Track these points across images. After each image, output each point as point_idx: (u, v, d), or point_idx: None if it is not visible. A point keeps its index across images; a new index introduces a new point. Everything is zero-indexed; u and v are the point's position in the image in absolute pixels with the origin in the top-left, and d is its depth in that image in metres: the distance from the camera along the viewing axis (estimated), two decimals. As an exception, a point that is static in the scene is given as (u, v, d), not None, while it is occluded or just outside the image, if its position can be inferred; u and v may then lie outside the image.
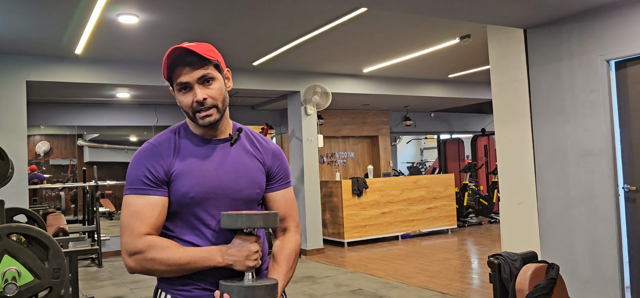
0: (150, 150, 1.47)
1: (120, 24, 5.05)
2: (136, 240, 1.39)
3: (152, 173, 1.44)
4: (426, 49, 6.66)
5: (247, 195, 1.52)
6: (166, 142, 1.50)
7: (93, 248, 5.16)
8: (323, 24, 5.34)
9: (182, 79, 1.44)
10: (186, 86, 1.45)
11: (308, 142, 7.99)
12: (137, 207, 1.42)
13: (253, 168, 1.54)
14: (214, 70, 1.47)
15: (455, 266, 6.60)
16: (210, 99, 1.45)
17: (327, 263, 7.15)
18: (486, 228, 9.96)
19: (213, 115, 1.46)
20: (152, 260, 1.39)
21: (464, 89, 9.49)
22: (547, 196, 4.55)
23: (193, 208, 1.46)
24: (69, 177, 11.35)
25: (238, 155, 1.54)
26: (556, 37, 4.42)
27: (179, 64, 1.45)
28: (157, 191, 1.44)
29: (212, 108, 1.46)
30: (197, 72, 1.44)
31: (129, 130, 11.02)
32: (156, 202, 1.43)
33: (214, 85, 1.47)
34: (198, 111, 1.45)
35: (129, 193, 1.44)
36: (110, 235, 8.78)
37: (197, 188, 1.45)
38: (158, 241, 1.41)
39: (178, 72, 1.45)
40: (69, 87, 7.09)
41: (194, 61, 1.44)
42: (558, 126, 4.43)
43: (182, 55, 1.44)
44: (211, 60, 1.47)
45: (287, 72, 7.76)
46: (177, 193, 1.44)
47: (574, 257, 4.36)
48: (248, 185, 1.52)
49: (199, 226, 1.47)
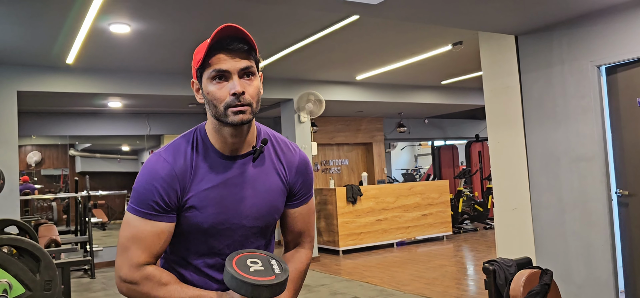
0: (165, 169, 1.30)
1: (112, 34, 5.04)
2: (133, 270, 1.28)
3: (163, 199, 1.28)
4: (419, 56, 6.68)
5: (264, 222, 1.40)
6: (182, 159, 1.32)
7: (85, 259, 5.13)
8: (315, 31, 5.34)
9: (222, 65, 1.24)
10: (223, 75, 1.26)
11: (302, 150, 7.98)
12: (141, 232, 1.29)
13: (274, 191, 1.39)
14: (255, 66, 1.30)
15: (451, 273, 6.60)
16: (248, 96, 1.26)
17: (323, 272, 7.13)
18: (481, 234, 9.97)
19: (247, 114, 1.27)
20: (147, 294, 1.28)
21: (457, 95, 9.52)
22: (541, 201, 4.56)
23: (201, 238, 1.35)
24: (61, 187, 11.28)
25: (260, 175, 1.37)
26: (547, 44, 4.44)
27: (221, 48, 1.25)
28: (165, 217, 1.30)
29: (247, 106, 1.26)
30: (241, 61, 1.26)
31: (121, 139, 10.97)
32: (162, 229, 1.30)
33: (254, 82, 1.29)
34: (232, 105, 1.25)
35: (134, 213, 1.29)
36: (103, 245, 8.72)
37: (212, 220, 1.32)
38: (157, 275, 1.29)
39: (218, 58, 1.25)
40: (61, 96, 7.06)
41: (240, 48, 1.26)
42: (550, 132, 4.44)
43: (228, 39, 1.25)
44: (256, 54, 1.30)
45: (280, 80, 7.76)
46: (190, 222, 1.32)
47: (569, 262, 4.37)
48: (267, 212, 1.39)
49: (207, 252, 1.37)
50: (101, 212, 11.62)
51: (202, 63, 1.27)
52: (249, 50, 1.27)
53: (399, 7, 3.75)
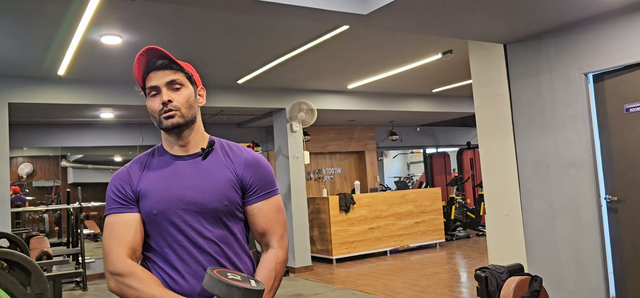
0: (121, 171, 1.55)
1: (103, 45, 5.04)
2: (116, 262, 1.42)
3: (121, 192, 1.50)
4: (409, 65, 6.73)
5: (213, 207, 1.48)
6: (138, 162, 1.56)
7: (77, 271, 5.10)
8: (306, 41, 5.37)
9: (152, 82, 1.50)
10: (155, 89, 1.50)
11: (294, 159, 8.00)
12: (113, 227, 1.47)
13: (221, 179, 1.51)
14: (184, 78, 1.53)
15: (444, 280, 6.61)
16: (174, 103, 1.49)
17: (316, 281, 7.12)
18: (474, 241, 10.00)
19: (175, 118, 1.49)
20: (130, 286, 1.40)
21: (448, 103, 9.57)
22: (532, 208, 4.59)
23: (162, 225, 1.48)
24: (52, 199, 11.21)
25: (209, 167, 1.53)
26: (535, 52, 4.49)
27: (151, 68, 1.51)
28: (128, 209, 1.49)
29: (175, 110, 1.49)
30: (166, 75, 1.50)
31: (113, 150, 10.93)
32: (129, 219, 1.48)
33: (182, 91, 1.51)
34: (162, 112, 1.49)
35: (106, 214, 1.51)
36: (96, 257, 8.67)
37: (159, 205, 1.48)
38: (139, 271, 1.43)
39: (150, 77, 1.51)
40: (52, 108, 7.04)
41: (164, 65, 1.50)
42: (540, 139, 4.49)
43: (153, 60, 1.50)
44: (182, 68, 1.52)
45: (272, 89, 7.78)
46: (144, 211, 1.49)
47: (560, 268, 4.40)
48: (213, 198, 1.48)
49: (171, 243, 1.48)
50: (93, 224, 11.54)
51: (143, 86, 1.54)
52: (172, 65, 1.50)
53: (389, 17, 3.79)
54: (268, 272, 1.51)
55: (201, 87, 1.60)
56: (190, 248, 1.48)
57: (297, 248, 7.90)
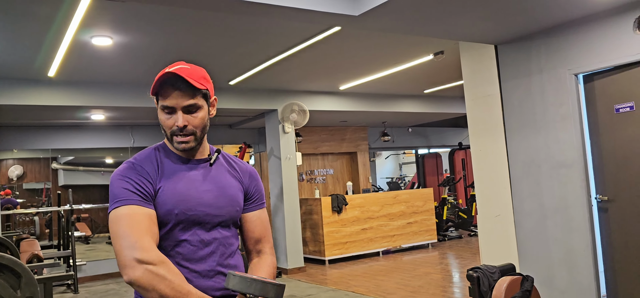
0: (134, 167, 1.48)
1: (94, 46, 5.01)
2: (149, 250, 1.35)
3: (142, 187, 1.44)
4: (401, 66, 6.75)
5: (227, 212, 1.55)
6: (148, 159, 1.51)
7: (68, 274, 5.05)
8: (298, 43, 5.37)
9: (168, 102, 1.46)
10: (171, 110, 1.47)
11: (287, 160, 7.99)
12: (136, 217, 1.39)
13: (233, 187, 1.58)
14: (201, 100, 1.50)
15: (437, 280, 6.63)
16: (191, 127, 1.48)
17: (309, 282, 7.12)
18: (466, 241, 10.04)
19: (190, 143, 1.49)
20: (163, 277, 1.34)
21: (439, 103, 9.61)
22: (523, 208, 4.62)
23: (178, 225, 1.47)
24: (43, 201, 11.13)
25: (218, 174, 1.57)
26: (526, 53, 4.52)
27: (169, 84, 1.45)
28: (147, 203, 1.44)
29: (190, 135, 1.49)
30: (184, 100, 1.46)
31: (104, 152, 10.87)
32: (151, 213, 1.43)
33: (198, 114, 1.49)
34: (176, 135, 1.48)
35: (120, 205, 1.40)
36: (87, 259, 8.62)
37: (181, 205, 1.46)
38: (171, 263, 1.39)
39: (165, 93, 1.46)
40: (42, 109, 6.99)
41: (184, 88, 1.45)
42: (531, 139, 4.51)
43: (173, 79, 1.45)
44: (201, 90, 1.49)
45: (264, 90, 7.77)
46: (162, 209, 1.45)
47: (551, 267, 4.42)
48: (228, 203, 1.55)
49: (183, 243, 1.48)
50: (85, 226, 11.48)
51: (156, 94, 1.48)
52: (193, 88, 1.46)
53: (380, 18, 3.80)
54: (271, 275, 1.61)
55: (214, 98, 1.58)
56: (201, 248, 1.49)
57: (290, 250, 7.90)
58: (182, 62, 1.51)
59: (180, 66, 1.48)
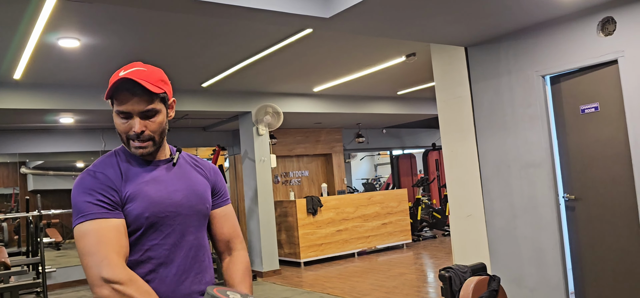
0: (95, 176, 1.41)
1: (61, 48, 4.91)
2: (116, 267, 1.31)
3: (105, 197, 1.38)
4: (374, 67, 6.78)
5: (198, 210, 1.52)
6: (110, 166, 1.45)
7: (36, 281, 4.94)
8: (270, 45, 5.35)
9: (123, 108, 1.40)
10: (127, 115, 1.41)
11: (261, 162, 7.95)
12: (102, 232, 1.34)
13: (200, 183, 1.56)
14: (159, 103, 1.44)
15: (411, 281, 6.67)
16: (148, 132, 1.43)
17: (284, 285, 7.09)
18: (440, 241, 10.14)
19: (147, 148, 1.45)
20: (130, 296, 1.30)
21: (413, 105, 9.69)
22: (494, 208, 4.68)
23: (150, 229, 1.43)
24: (12, 207, 10.86)
25: (184, 173, 1.55)
26: (495, 54, 4.58)
27: (124, 89, 1.39)
28: (114, 214, 1.38)
29: (148, 140, 1.44)
30: (141, 105, 1.40)
31: (75, 156, 10.65)
32: (117, 224, 1.38)
33: (156, 119, 1.44)
34: (133, 140, 1.43)
35: (84, 220, 1.35)
36: (57, 266, 8.43)
37: (152, 208, 1.42)
38: (140, 281, 1.35)
39: (121, 98, 1.40)
40: (9, 113, 6.81)
41: (141, 93, 1.40)
42: (501, 140, 4.58)
43: (129, 83, 1.39)
44: (159, 94, 1.44)
45: (238, 92, 7.73)
46: (132, 215, 1.41)
47: (521, 266, 4.49)
48: (198, 201, 1.53)
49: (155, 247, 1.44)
50: (55, 232, 11.23)
51: (111, 97, 1.42)
52: (150, 93, 1.40)
53: (351, 21, 3.80)
54: (247, 272, 1.61)
55: (173, 100, 1.52)
56: (175, 251, 1.46)
57: (265, 252, 7.86)
58: (139, 63, 1.45)
59: (136, 69, 1.42)
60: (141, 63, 1.46)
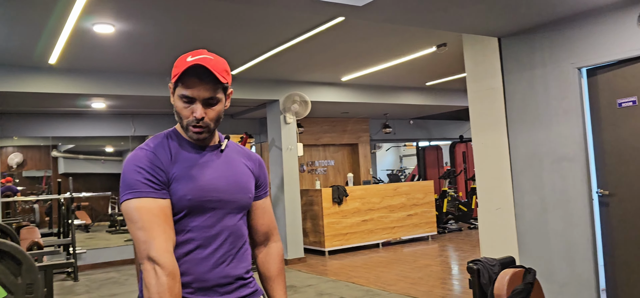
0: (147, 155, 1.46)
1: (96, 34, 4.99)
2: (164, 252, 1.36)
3: (153, 176, 1.43)
4: (404, 57, 6.72)
5: (239, 199, 1.55)
6: (161, 146, 1.49)
7: (68, 262, 5.07)
8: (301, 33, 5.35)
9: (189, 92, 1.44)
10: (190, 100, 1.45)
11: (288, 151, 7.98)
12: (152, 211, 1.39)
13: (245, 174, 1.59)
14: (221, 93, 1.49)
15: (436, 272, 6.64)
16: (207, 119, 1.47)
17: (309, 272, 7.13)
18: (466, 234, 10.05)
19: (203, 134, 1.49)
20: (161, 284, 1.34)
21: (441, 96, 9.59)
22: (524, 201, 4.61)
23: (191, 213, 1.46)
24: (43, 189, 11.14)
25: (230, 161, 1.57)
26: (529, 46, 4.50)
27: (193, 74, 1.43)
28: (161, 194, 1.43)
29: (206, 127, 1.48)
30: (206, 92, 1.44)
31: (105, 140, 10.86)
32: (165, 205, 1.42)
33: (216, 107, 1.49)
34: (192, 125, 1.47)
35: (133, 197, 1.40)
36: (87, 248, 8.63)
37: (194, 192, 1.46)
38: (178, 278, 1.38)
39: (188, 83, 1.44)
40: (43, 97, 6.98)
41: (208, 80, 1.44)
42: (533, 133, 4.50)
43: (200, 70, 1.43)
44: (223, 84, 1.48)
45: (266, 80, 7.76)
46: (175, 196, 1.44)
47: (551, 261, 4.43)
48: (240, 190, 1.55)
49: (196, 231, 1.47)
50: (85, 214, 11.49)
51: (176, 81, 1.46)
52: (216, 81, 1.45)
53: (384, 9, 3.77)
54: (282, 267, 1.70)
55: (231, 90, 1.56)
56: (214, 235, 1.49)
57: (290, 240, 7.91)
58: (205, 51, 1.48)
59: (204, 56, 1.45)
60: (206, 51, 1.50)
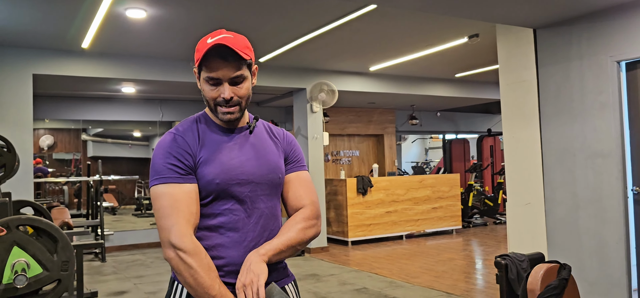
0: (175, 140, 1.47)
1: (128, 18, 5.04)
2: (183, 236, 1.38)
3: (180, 161, 1.44)
4: (434, 48, 6.64)
5: (270, 179, 1.53)
6: (189, 130, 1.50)
7: (98, 242, 5.17)
8: (331, 20, 5.31)
9: (214, 74, 1.44)
10: (216, 81, 1.45)
11: (313, 140, 7.98)
12: (175, 197, 1.41)
13: (273, 153, 1.57)
14: (246, 70, 1.48)
15: (461, 266, 6.58)
16: (236, 98, 1.46)
17: (331, 262, 7.14)
18: (491, 229, 9.94)
19: (234, 114, 1.48)
20: (189, 266, 1.37)
21: (470, 88, 9.46)
22: (555, 197, 4.52)
23: (220, 195, 1.46)
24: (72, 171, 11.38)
25: (258, 142, 1.56)
26: (566, 38, 4.39)
27: (215, 55, 1.43)
28: (187, 178, 1.44)
29: (235, 106, 1.47)
30: (231, 71, 1.44)
31: (133, 125, 11.02)
32: (190, 190, 1.43)
33: (243, 85, 1.47)
34: (221, 106, 1.46)
35: (160, 182, 1.42)
36: (114, 230, 8.79)
37: (222, 175, 1.46)
38: (203, 254, 1.40)
39: (211, 65, 1.43)
40: (75, 80, 7.10)
41: (231, 59, 1.43)
42: (566, 127, 4.40)
43: (221, 49, 1.42)
44: (246, 60, 1.46)
45: (294, 68, 7.75)
46: (204, 180, 1.45)
47: (581, 258, 4.34)
48: (270, 171, 1.54)
49: (226, 213, 1.47)
50: (112, 197, 11.71)
51: (200, 64, 1.45)
52: (239, 59, 1.44)
53: (418, -2, 3.72)
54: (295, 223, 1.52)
55: (255, 66, 1.55)
56: (245, 218, 1.48)
57: (314, 229, 7.91)
58: (224, 31, 1.47)
59: (223, 35, 1.44)
60: (225, 30, 1.48)
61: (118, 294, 5.56)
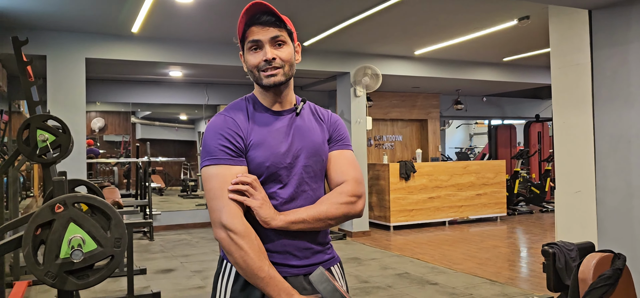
0: (226, 121, 1.48)
1: (176, 3, 5.13)
2: (234, 217, 1.40)
3: (232, 143, 1.45)
4: (482, 31, 6.47)
5: (315, 162, 1.54)
6: (240, 112, 1.52)
7: (147, 221, 5.33)
8: (376, 3, 5.25)
9: (255, 36, 1.47)
10: (257, 44, 1.47)
11: (357, 124, 7.95)
12: (226, 179, 1.42)
13: (318, 135, 1.57)
14: (286, 36, 1.50)
15: (505, 254, 6.46)
16: (278, 60, 1.47)
17: (373, 246, 7.14)
18: (537, 217, 9.69)
19: (278, 76, 1.48)
20: (240, 247, 1.39)
21: (519, 72, 9.19)
22: (607, 185, 4.36)
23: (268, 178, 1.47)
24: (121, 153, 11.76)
25: (304, 124, 1.56)
26: (624, 19, 4.19)
27: (254, 22, 1.47)
28: (238, 160, 1.45)
29: (279, 68, 1.47)
30: (270, 31, 1.46)
31: (180, 108, 11.27)
32: (241, 171, 1.45)
33: (284, 48, 1.49)
34: (264, 69, 1.47)
35: (211, 163, 1.44)
36: (161, 210, 9.05)
37: (272, 158, 1.47)
38: (253, 236, 1.41)
39: (252, 31, 1.47)
40: (125, 64, 7.30)
41: (269, 21, 1.47)
42: (623, 112, 4.22)
43: (258, 14, 1.47)
44: (286, 25, 1.50)
45: (338, 52, 7.72)
46: (253, 163, 1.46)
47: (635, 249, 4.17)
48: (315, 153, 1.54)
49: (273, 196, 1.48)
50: (159, 178, 12.04)
51: (242, 37, 1.50)
52: (278, 22, 1.47)
53: (466, -22, 3.63)
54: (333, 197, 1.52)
55: (298, 43, 1.57)
56: (292, 201, 1.49)
57: (356, 213, 7.92)
58: None
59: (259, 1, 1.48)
60: None
61: (165, 272, 5.74)
